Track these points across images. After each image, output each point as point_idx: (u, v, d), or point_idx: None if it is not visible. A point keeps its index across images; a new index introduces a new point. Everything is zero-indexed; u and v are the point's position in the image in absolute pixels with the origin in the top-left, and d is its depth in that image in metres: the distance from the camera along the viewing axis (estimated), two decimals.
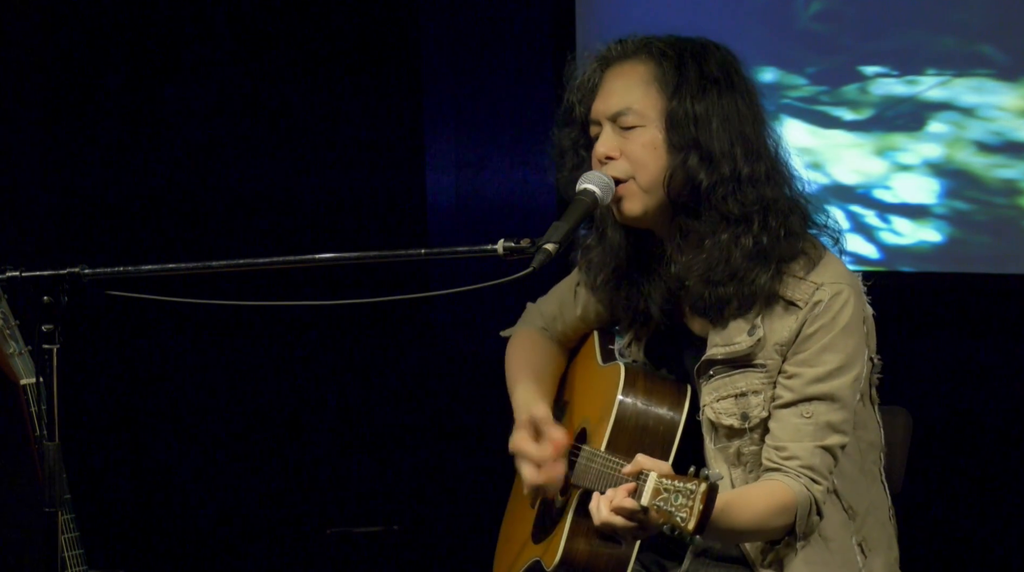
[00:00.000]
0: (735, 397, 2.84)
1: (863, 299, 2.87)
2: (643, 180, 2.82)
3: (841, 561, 2.87)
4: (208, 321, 4.93)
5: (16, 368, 3.09)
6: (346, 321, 5.03)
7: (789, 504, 2.75)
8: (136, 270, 2.68)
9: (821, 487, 2.78)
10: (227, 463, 5.05)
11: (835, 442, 2.80)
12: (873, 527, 2.93)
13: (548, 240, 2.68)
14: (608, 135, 2.84)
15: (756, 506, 2.75)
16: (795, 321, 2.80)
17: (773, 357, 2.82)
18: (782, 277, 2.82)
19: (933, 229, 4.60)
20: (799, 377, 2.80)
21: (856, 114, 4.63)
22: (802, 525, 2.77)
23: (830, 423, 2.79)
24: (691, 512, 2.47)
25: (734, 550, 2.90)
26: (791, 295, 2.81)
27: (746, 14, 4.75)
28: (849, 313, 2.80)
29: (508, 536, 3.19)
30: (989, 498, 4.59)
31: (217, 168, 5.01)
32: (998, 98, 4.47)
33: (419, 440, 5.14)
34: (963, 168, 4.55)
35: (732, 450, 2.85)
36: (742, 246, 2.79)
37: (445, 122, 5.17)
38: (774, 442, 2.80)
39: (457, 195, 5.16)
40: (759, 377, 2.83)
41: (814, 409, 2.79)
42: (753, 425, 2.83)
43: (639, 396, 2.90)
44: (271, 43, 5.02)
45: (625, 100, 2.83)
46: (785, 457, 2.78)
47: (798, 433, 2.78)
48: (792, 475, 2.77)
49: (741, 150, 2.82)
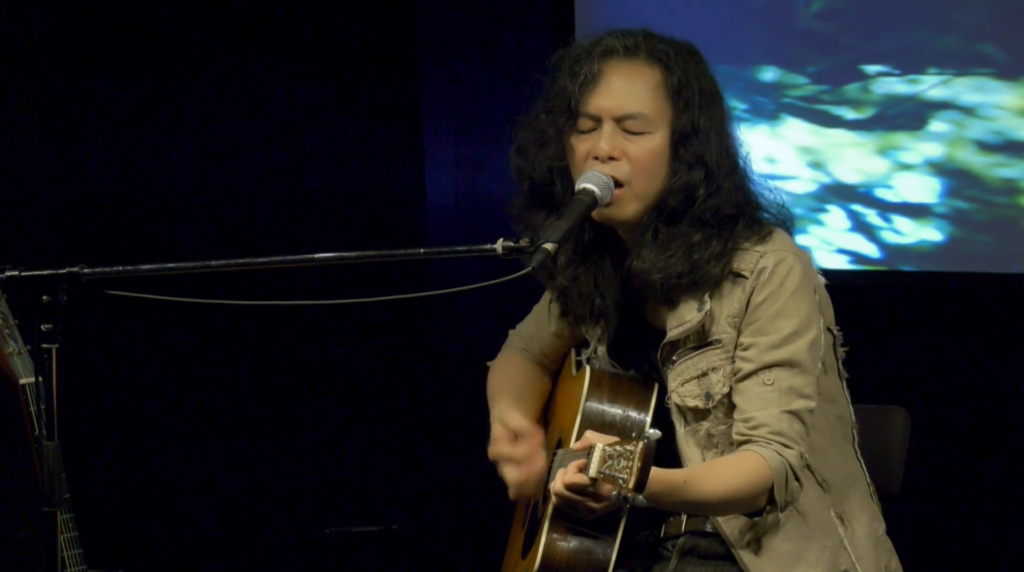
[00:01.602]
0: (698, 378, 2.85)
1: (812, 269, 2.88)
2: (640, 187, 2.82)
3: (821, 533, 2.86)
4: (208, 321, 4.93)
5: (15, 367, 3.08)
6: (345, 321, 5.03)
7: (762, 471, 2.73)
8: (136, 270, 2.68)
9: (794, 451, 2.76)
10: (227, 463, 5.05)
11: (801, 406, 2.79)
12: (852, 500, 2.93)
13: (547, 239, 2.68)
14: (611, 134, 2.82)
15: (725, 474, 2.74)
16: (742, 292, 2.82)
17: (727, 331, 2.83)
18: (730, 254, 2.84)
19: (934, 228, 4.60)
20: (755, 346, 2.80)
21: (857, 113, 4.63)
22: (781, 493, 2.75)
23: (792, 388, 2.78)
24: (631, 471, 2.49)
25: (721, 547, 2.89)
26: (737, 267, 2.83)
27: (747, 13, 4.75)
28: (797, 278, 2.81)
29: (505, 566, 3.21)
30: (989, 498, 4.58)
31: (217, 168, 5.01)
32: (999, 97, 4.47)
33: (418, 440, 5.15)
34: (964, 167, 4.54)
35: (702, 433, 2.85)
36: (711, 248, 2.82)
37: (445, 122, 5.16)
38: (740, 415, 2.80)
39: (456, 195, 5.16)
40: (717, 354, 2.84)
41: (775, 376, 2.78)
42: (716, 403, 2.83)
43: (604, 395, 2.92)
44: (271, 43, 5.02)
45: (636, 104, 2.82)
46: (752, 427, 2.78)
47: (762, 401, 2.78)
48: (762, 443, 2.76)
49: (727, 161, 2.84)
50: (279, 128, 5.05)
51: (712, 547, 2.91)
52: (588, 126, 2.85)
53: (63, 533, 3.06)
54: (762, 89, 4.72)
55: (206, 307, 2.77)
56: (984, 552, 4.59)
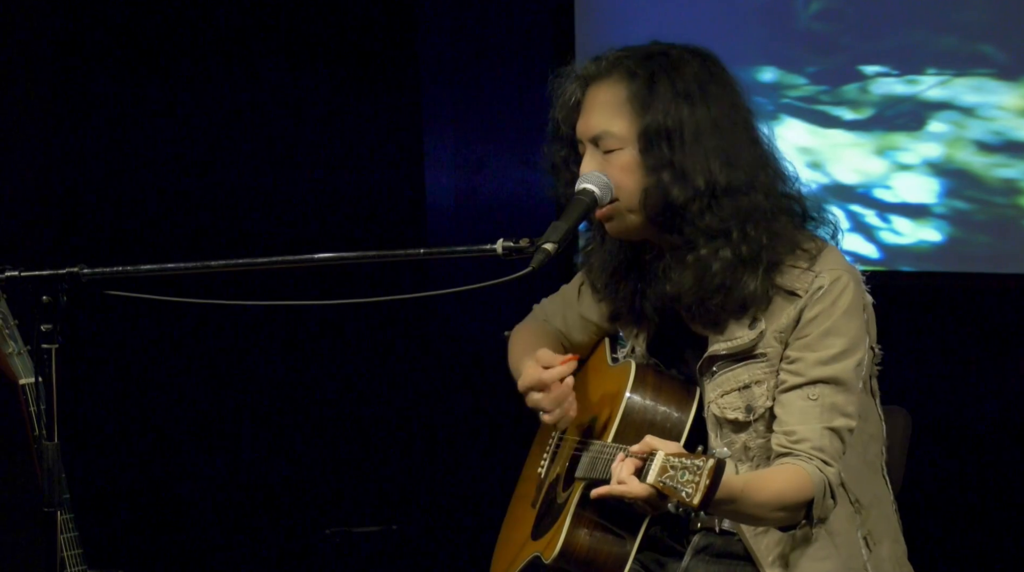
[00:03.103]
0: (739, 390, 2.84)
1: (863, 288, 2.87)
2: (624, 201, 2.82)
3: (847, 555, 2.87)
4: (207, 321, 4.94)
5: (15, 368, 3.09)
6: (345, 321, 5.03)
7: (806, 484, 2.74)
8: (135, 270, 2.68)
9: (833, 469, 2.76)
10: (227, 463, 5.05)
11: (842, 425, 2.79)
12: (878, 520, 2.93)
13: (547, 240, 2.68)
14: (591, 157, 2.84)
15: (773, 486, 2.73)
16: (794, 309, 2.81)
17: (773, 345, 2.82)
18: (782, 272, 2.83)
19: (933, 229, 4.60)
20: (802, 361, 2.80)
21: (856, 114, 4.63)
22: (819, 508, 2.75)
23: (836, 405, 2.78)
24: (696, 487, 2.47)
25: (734, 546, 2.89)
26: (791, 285, 2.83)
27: (746, 14, 4.76)
28: (849, 298, 2.81)
29: (507, 539, 3.20)
30: (989, 498, 4.59)
31: (217, 168, 5.01)
32: (998, 98, 4.48)
33: (418, 440, 5.15)
34: (963, 168, 4.55)
35: (738, 445, 2.85)
36: (722, 258, 2.80)
37: (444, 122, 5.17)
38: (782, 427, 2.80)
39: (456, 195, 5.16)
40: (761, 367, 2.83)
41: (820, 391, 2.79)
42: (757, 416, 2.83)
43: (648, 393, 2.91)
44: (271, 43, 5.02)
45: (602, 123, 2.82)
46: (795, 441, 2.77)
47: (805, 415, 2.78)
48: (804, 457, 2.76)
49: (719, 161, 2.80)
50: (279, 128, 5.05)
51: (725, 545, 2.91)
52: (583, 150, 2.87)
53: (63, 533, 3.06)
54: (761, 90, 4.72)
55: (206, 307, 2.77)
56: (985, 552, 4.59)
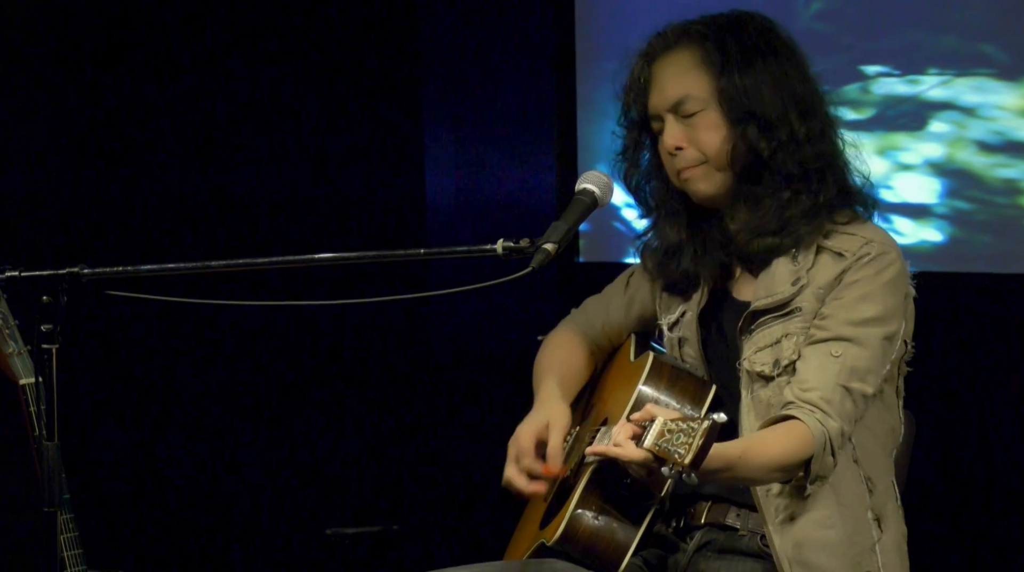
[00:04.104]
0: (771, 346, 2.87)
1: (908, 276, 2.91)
2: (715, 161, 2.89)
3: (853, 529, 2.86)
4: (208, 321, 4.93)
5: (15, 368, 3.09)
6: (346, 321, 5.03)
7: (806, 442, 2.74)
8: (135, 270, 2.68)
9: (835, 424, 2.76)
10: (227, 463, 5.05)
11: (858, 387, 2.79)
12: (888, 509, 2.93)
13: (547, 240, 2.68)
14: (673, 126, 2.90)
15: (772, 450, 2.75)
16: (838, 268, 2.85)
17: (810, 300, 2.85)
18: (830, 233, 2.88)
19: (934, 229, 4.60)
20: (833, 317, 2.82)
21: (857, 114, 4.62)
22: (817, 463, 2.75)
23: (856, 368, 2.79)
24: (689, 448, 2.47)
25: (737, 542, 2.90)
26: (839, 246, 2.87)
27: None
28: (893, 273, 2.85)
29: (518, 537, 3.20)
30: (989, 498, 4.58)
31: (217, 168, 5.01)
32: (999, 98, 4.47)
33: (418, 440, 5.14)
34: (964, 168, 4.55)
35: (763, 402, 2.87)
36: (800, 203, 2.86)
37: (445, 122, 5.17)
38: (797, 377, 2.82)
39: (456, 195, 5.16)
40: (795, 322, 2.85)
41: (843, 349, 2.80)
42: (782, 369, 2.85)
43: (662, 384, 2.92)
44: (271, 44, 5.02)
45: (680, 89, 2.89)
46: (804, 389, 2.79)
47: (822, 369, 2.79)
48: (806, 410, 2.77)
49: (795, 111, 2.88)
50: (279, 128, 5.05)
51: (728, 542, 2.91)
52: (659, 127, 2.93)
53: (63, 533, 3.06)
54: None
55: (206, 307, 2.76)
56: (985, 552, 4.59)
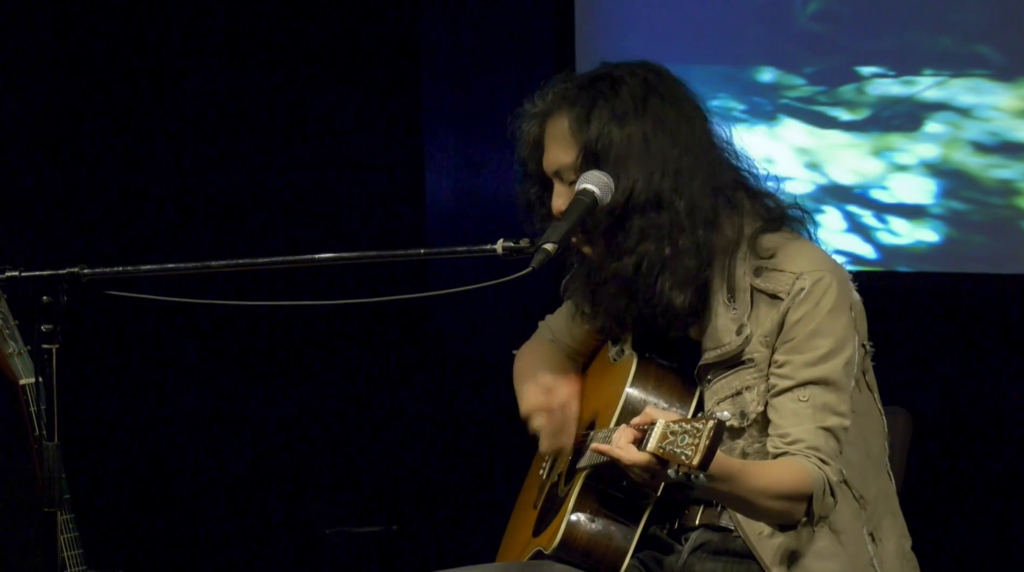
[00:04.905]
0: (732, 397, 2.86)
1: (848, 285, 2.87)
2: None
3: (853, 553, 2.87)
4: (208, 321, 4.94)
5: (15, 368, 3.09)
6: (346, 321, 5.04)
7: (805, 477, 2.74)
8: (136, 270, 2.69)
9: (831, 467, 2.77)
10: (227, 463, 5.05)
11: (835, 423, 2.79)
12: (884, 516, 2.94)
13: (547, 240, 2.69)
14: (559, 191, 2.87)
15: (772, 472, 2.75)
16: (777, 312, 2.82)
17: (759, 350, 2.84)
18: (760, 270, 2.84)
19: (930, 229, 4.61)
20: (790, 364, 2.81)
21: (853, 114, 4.64)
22: (818, 505, 2.76)
23: (827, 405, 2.79)
24: (696, 449, 2.45)
25: (731, 543, 2.90)
26: (773, 289, 2.84)
27: (745, 14, 4.76)
28: (833, 297, 2.81)
29: (508, 543, 3.20)
30: (989, 498, 4.59)
31: (217, 168, 5.02)
32: (995, 98, 4.48)
33: (419, 440, 5.15)
34: (960, 168, 4.56)
35: (736, 452, 2.86)
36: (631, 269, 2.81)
37: (445, 122, 5.17)
38: (776, 430, 2.81)
39: (456, 195, 5.16)
40: (750, 373, 2.85)
41: (810, 393, 2.79)
42: (751, 421, 2.84)
43: (649, 385, 2.92)
44: (271, 43, 5.03)
45: (558, 159, 2.86)
46: (789, 442, 2.79)
47: (797, 417, 2.79)
48: (800, 457, 2.77)
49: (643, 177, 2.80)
50: (279, 128, 5.05)
51: (723, 543, 2.91)
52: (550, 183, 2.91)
53: (63, 534, 3.06)
54: (760, 90, 4.72)
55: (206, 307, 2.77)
56: (986, 552, 4.59)
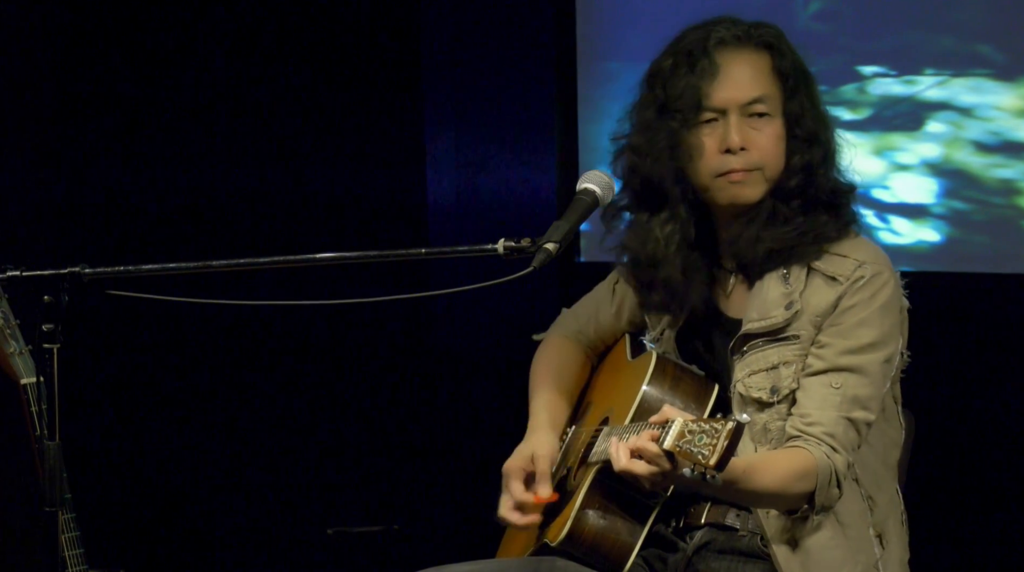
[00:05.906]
0: (767, 370, 2.86)
1: (901, 290, 2.91)
2: (770, 171, 2.87)
3: (858, 548, 2.87)
4: (208, 321, 4.94)
5: (16, 367, 3.09)
6: (346, 321, 5.04)
7: (810, 469, 2.75)
8: (136, 270, 2.69)
9: (842, 457, 2.77)
10: (227, 463, 5.05)
11: (860, 416, 2.80)
12: (891, 524, 2.94)
13: (548, 239, 2.68)
14: (738, 124, 2.86)
15: (778, 469, 2.75)
16: (834, 294, 2.84)
17: (807, 328, 2.85)
18: (820, 253, 2.87)
19: (931, 229, 4.61)
20: (831, 347, 2.82)
21: (854, 114, 4.63)
22: (822, 495, 2.76)
23: (857, 397, 2.80)
24: (713, 449, 2.45)
25: (737, 542, 2.90)
26: (833, 271, 2.86)
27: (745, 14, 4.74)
28: (888, 294, 2.85)
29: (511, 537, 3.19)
30: (990, 498, 4.59)
31: (217, 168, 5.02)
32: (996, 98, 4.48)
33: (419, 440, 5.15)
34: (961, 168, 4.55)
35: (759, 426, 2.86)
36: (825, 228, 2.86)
37: (445, 122, 5.17)
38: (799, 409, 2.81)
39: (457, 195, 5.16)
40: (792, 349, 2.85)
41: (843, 380, 2.80)
42: (782, 397, 2.85)
43: (666, 384, 2.91)
44: (271, 44, 5.03)
45: (758, 89, 2.88)
46: (808, 423, 2.79)
47: (824, 402, 2.79)
48: (813, 442, 2.77)
49: (826, 135, 2.91)
50: (280, 128, 5.05)
51: (728, 542, 2.91)
52: (709, 118, 2.88)
53: (64, 533, 3.06)
54: None
55: (207, 307, 2.77)
56: (986, 552, 4.59)
